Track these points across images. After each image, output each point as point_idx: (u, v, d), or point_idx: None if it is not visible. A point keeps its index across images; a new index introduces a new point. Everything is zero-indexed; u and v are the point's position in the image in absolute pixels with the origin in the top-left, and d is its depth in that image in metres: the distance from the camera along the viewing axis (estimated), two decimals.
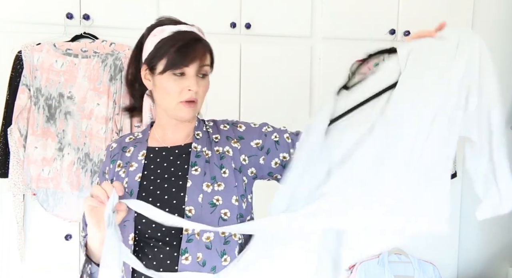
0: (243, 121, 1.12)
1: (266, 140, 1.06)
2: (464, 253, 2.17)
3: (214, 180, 0.99)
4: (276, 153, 1.06)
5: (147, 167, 1.03)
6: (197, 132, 1.08)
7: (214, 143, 1.06)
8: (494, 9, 2.11)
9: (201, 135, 1.07)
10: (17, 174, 1.80)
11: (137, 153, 1.05)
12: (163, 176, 1.01)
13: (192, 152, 1.03)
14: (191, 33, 1.04)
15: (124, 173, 1.02)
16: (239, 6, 1.95)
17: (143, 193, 0.99)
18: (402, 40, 2.02)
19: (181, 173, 1.01)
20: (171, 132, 1.08)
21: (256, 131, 1.08)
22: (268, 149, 1.06)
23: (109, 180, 1.04)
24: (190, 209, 0.95)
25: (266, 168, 1.07)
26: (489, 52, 0.86)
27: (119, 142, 1.11)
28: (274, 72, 1.99)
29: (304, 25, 2.00)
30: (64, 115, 1.79)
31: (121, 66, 1.83)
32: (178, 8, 1.93)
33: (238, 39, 1.97)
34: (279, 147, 1.06)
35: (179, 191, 0.98)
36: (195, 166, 1.01)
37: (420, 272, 2.02)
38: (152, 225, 0.95)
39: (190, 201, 0.96)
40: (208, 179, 0.99)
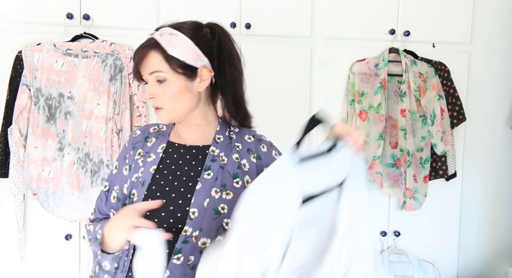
0: (270, 145, 1.13)
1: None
2: (464, 253, 2.17)
3: (224, 187, 0.99)
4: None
5: (164, 160, 1.03)
6: (218, 136, 1.06)
7: (235, 150, 1.05)
8: (494, 9, 2.11)
9: (222, 139, 1.06)
10: (17, 174, 1.80)
11: (158, 145, 1.06)
12: (176, 173, 1.01)
13: (208, 154, 1.03)
14: (146, 41, 0.99)
15: (142, 162, 1.04)
16: (239, 6, 1.95)
17: (153, 186, 1.00)
18: (402, 40, 2.02)
19: (193, 173, 1.01)
20: (186, 133, 1.08)
21: (272, 159, 1.06)
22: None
23: (128, 165, 1.05)
24: (193, 211, 0.95)
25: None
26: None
27: (143, 130, 1.11)
28: (274, 72, 1.99)
29: (304, 25, 2.00)
30: (64, 116, 1.80)
31: (121, 66, 1.83)
32: (178, 8, 1.93)
33: (238, 39, 1.95)
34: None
35: (187, 192, 0.98)
36: (209, 170, 1.00)
37: (420, 272, 2.02)
38: (154, 219, 0.95)
39: (196, 203, 0.96)
40: (219, 185, 0.99)
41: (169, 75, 0.97)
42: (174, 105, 0.99)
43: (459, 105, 2.04)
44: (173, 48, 0.96)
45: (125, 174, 1.05)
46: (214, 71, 1.02)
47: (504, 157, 2.17)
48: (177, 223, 0.96)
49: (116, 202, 1.04)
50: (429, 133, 2.00)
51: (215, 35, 1.03)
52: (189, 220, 0.95)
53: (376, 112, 1.96)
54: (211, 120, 1.08)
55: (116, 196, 1.05)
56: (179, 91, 0.98)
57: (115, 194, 1.05)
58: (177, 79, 0.97)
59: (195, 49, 0.98)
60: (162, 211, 0.97)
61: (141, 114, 1.87)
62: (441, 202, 2.11)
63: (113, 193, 1.05)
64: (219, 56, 1.03)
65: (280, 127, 2.01)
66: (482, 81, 2.12)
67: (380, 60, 1.99)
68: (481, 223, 2.18)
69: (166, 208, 0.97)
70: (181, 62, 0.96)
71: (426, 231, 2.11)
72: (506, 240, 2.20)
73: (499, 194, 2.18)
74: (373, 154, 1.96)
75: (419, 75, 1.98)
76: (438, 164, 2.05)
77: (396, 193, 2.03)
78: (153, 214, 0.96)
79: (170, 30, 0.98)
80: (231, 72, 1.04)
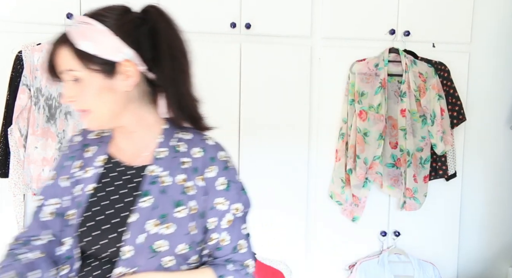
0: (223, 167, 0.88)
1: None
2: (464, 252, 2.17)
3: (164, 219, 0.80)
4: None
5: (103, 177, 0.86)
6: (160, 149, 0.86)
7: (180, 169, 0.85)
8: (494, 9, 2.10)
9: (167, 154, 0.86)
10: (18, 174, 1.80)
11: (97, 156, 0.89)
12: (110, 198, 0.84)
13: (146, 177, 0.84)
14: (58, 35, 0.82)
15: (79, 177, 0.87)
16: (239, 6, 1.95)
17: (88, 212, 0.83)
18: (402, 40, 2.02)
19: (129, 199, 0.83)
20: (122, 143, 0.89)
21: (214, 193, 0.86)
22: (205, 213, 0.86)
23: (67, 177, 0.89)
24: (127, 250, 0.79)
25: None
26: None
27: (83, 136, 0.93)
28: (274, 72, 1.99)
29: (304, 25, 2.00)
30: (65, 115, 1.80)
31: None
32: (178, 8, 1.93)
33: (238, 39, 1.97)
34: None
35: (120, 224, 0.81)
36: (146, 196, 0.81)
37: (420, 272, 2.02)
38: (86, 253, 0.84)
39: (129, 240, 0.79)
40: (157, 215, 0.80)
41: (83, 74, 0.79)
42: (98, 107, 0.81)
43: (459, 105, 2.04)
44: (84, 40, 0.78)
45: (62, 185, 0.88)
46: (148, 64, 0.83)
47: (504, 157, 2.17)
48: (108, 263, 0.82)
49: (53, 218, 0.88)
50: (429, 133, 2.00)
51: (147, 20, 0.83)
52: (120, 260, 0.79)
53: (376, 112, 1.96)
54: (150, 125, 0.88)
55: (55, 211, 0.88)
56: (97, 92, 0.80)
57: (53, 209, 0.88)
58: (92, 78, 0.79)
59: (113, 39, 0.79)
60: (93, 245, 0.82)
61: None
62: (441, 202, 2.11)
63: (49, 208, 0.88)
64: (154, 46, 0.83)
65: (279, 127, 2.01)
66: (482, 81, 2.11)
67: (380, 60, 1.99)
68: (481, 223, 2.18)
69: (95, 243, 0.81)
70: (94, 57, 0.78)
71: (426, 231, 2.11)
72: (506, 240, 2.20)
73: (499, 193, 2.18)
74: (373, 154, 1.96)
75: (419, 75, 1.98)
76: (438, 164, 2.05)
77: (396, 193, 2.03)
78: (85, 247, 0.83)
79: (84, 19, 0.82)
80: (171, 65, 0.83)
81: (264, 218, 2.02)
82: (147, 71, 0.83)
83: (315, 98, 2.03)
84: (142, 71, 0.83)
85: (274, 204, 2.02)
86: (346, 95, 2.01)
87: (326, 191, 2.06)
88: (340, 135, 2.02)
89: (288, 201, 2.02)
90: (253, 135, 1.99)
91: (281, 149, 2.01)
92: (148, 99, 0.87)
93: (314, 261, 2.08)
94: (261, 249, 2.03)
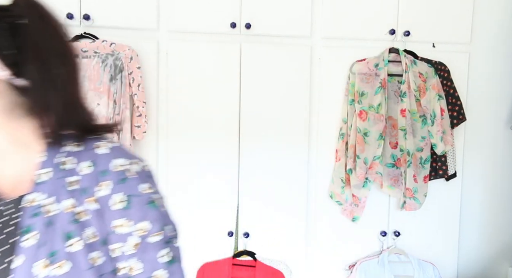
0: (120, 179, 0.69)
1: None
2: (464, 252, 2.17)
3: (54, 257, 0.64)
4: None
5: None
6: (42, 171, 0.68)
7: (66, 191, 0.67)
8: (494, 9, 2.10)
9: (51, 175, 0.68)
10: None
11: None
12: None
13: (25, 209, 0.66)
14: None
15: None
16: (239, 6, 1.95)
17: None
18: (402, 40, 2.02)
19: (11, 240, 0.67)
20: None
21: (110, 215, 0.68)
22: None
23: None
24: None
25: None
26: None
27: None
28: (274, 72, 1.99)
29: (304, 25, 2.00)
30: None
31: (121, 66, 1.83)
32: (178, 8, 1.93)
33: (238, 39, 1.97)
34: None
35: (4, 272, 0.66)
36: (29, 233, 0.65)
37: (420, 272, 2.02)
38: None
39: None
40: (45, 254, 0.64)
41: None
42: None
43: (459, 105, 2.04)
44: None
45: None
46: (13, 69, 0.66)
47: (504, 157, 2.17)
48: None
49: None
50: (429, 133, 2.00)
51: (10, 15, 0.67)
52: None
53: (376, 112, 1.96)
54: (28, 143, 0.70)
55: None
56: None
57: None
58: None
59: None
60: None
61: (141, 115, 1.87)
62: (441, 202, 2.11)
63: None
64: (21, 47, 0.67)
65: (279, 127, 2.01)
66: (482, 81, 2.11)
67: (380, 60, 1.99)
68: (481, 223, 2.18)
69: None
70: None
71: (426, 231, 2.11)
72: (506, 240, 2.20)
73: (499, 194, 2.18)
74: (373, 154, 1.96)
75: (419, 75, 1.98)
76: (438, 164, 2.05)
77: (396, 193, 2.03)
78: None
79: None
80: (41, 69, 0.67)
81: (264, 218, 2.02)
82: (12, 77, 0.66)
83: (315, 98, 2.03)
84: (3, 78, 0.66)
85: (274, 204, 2.02)
86: (346, 95, 2.01)
87: (326, 191, 2.06)
88: (340, 136, 2.02)
89: (288, 201, 2.02)
90: (253, 136, 1.99)
91: (281, 149, 2.01)
92: (21, 112, 0.69)
93: (314, 261, 2.08)
94: (261, 249, 2.03)
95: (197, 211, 1.99)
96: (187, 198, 1.98)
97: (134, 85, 1.86)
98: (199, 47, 1.95)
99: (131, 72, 1.85)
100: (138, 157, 0.73)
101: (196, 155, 1.98)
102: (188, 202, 1.98)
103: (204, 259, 2.00)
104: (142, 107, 1.87)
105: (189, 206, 1.99)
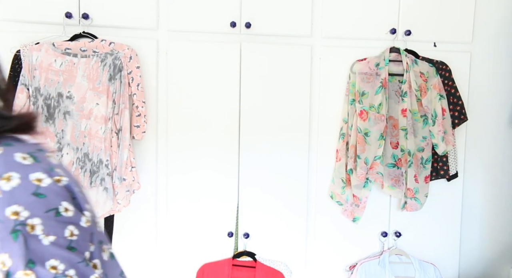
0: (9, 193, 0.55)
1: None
2: (465, 253, 2.16)
3: None
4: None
5: None
6: None
7: None
8: (495, 8, 2.09)
9: None
10: None
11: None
12: None
13: None
14: None
15: None
16: (239, 5, 1.94)
17: None
18: (403, 39, 2.01)
19: None
20: None
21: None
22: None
23: None
24: None
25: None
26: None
27: None
28: (274, 72, 1.98)
29: (304, 24, 1.99)
30: (63, 115, 1.79)
31: (120, 65, 1.82)
32: (177, 8, 1.93)
33: (238, 39, 1.96)
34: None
35: None
36: None
37: (421, 272, 2.01)
38: None
39: None
40: None
41: None
42: None
43: (461, 105, 2.03)
44: None
45: None
46: None
47: (506, 157, 2.15)
48: None
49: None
50: (430, 133, 1.99)
51: None
52: None
53: (377, 112, 1.95)
54: None
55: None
56: None
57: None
58: None
59: None
60: None
61: (141, 114, 1.87)
62: (442, 203, 2.10)
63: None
64: None
65: (279, 127, 2.00)
66: (484, 81, 2.10)
67: (381, 60, 1.98)
68: (482, 224, 2.17)
69: None
70: None
71: (427, 232, 2.10)
72: (508, 240, 2.19)
73: (501, 194, 2.17)
74: (374, 154, 1.95)
75: (420, 75, 1.97)
76: (439, 164, 2.04)
77: (397, 193, 2.02)
78: None
79: None
80: None
81: (264, 218, 2.01)
82: None
83: (315, 98, 2.02)
84: None
85: (274, 205, 2.01)
86: (347, 95, 2.00)
87: (327, 191, 2.05)
88: (341, 136, 2.01)
89: (289, 202, 2.02)
90: (253, 135, 1.98)
91: (281, 149, 2.00)
92: None
93: (315, 261, 2.07)
94: (261, 250, 2.02)
95: (197, 211, 1.98)
96: (187, 198, 1.98)
97: (134, 85, 1.85)
98: (198, 46, 1.94)
99: (130, 71, 1.84)
100: (21, 169, 0.57)
101: (195, 155, 1.97)
102: (188, 202, 1.98)
103: (204, 260, 1.99)
104: (141, 107, 1.86)
105: (189, 206, 1.98)
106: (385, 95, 1.95)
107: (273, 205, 2.01)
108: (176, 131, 1.96)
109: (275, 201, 2.01)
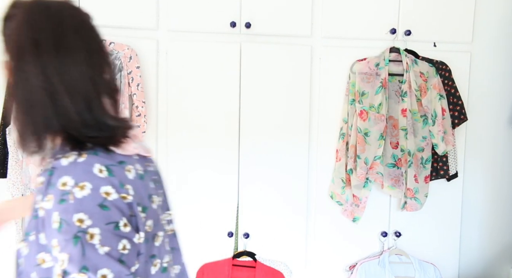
0: (59, 200, 0.64)
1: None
2: (465, 253, 2.16)
3: (26, 237, 0.71)
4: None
5: None
6: (39, 179, 0.71)
7: (37, 189, 0.70)
8: (495, 8, 2.09)
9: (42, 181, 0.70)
10: (16, 174, 1.79)
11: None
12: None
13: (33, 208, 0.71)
14: None
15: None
16: (239, 5, 1.94)
17: None
18: (403, 39, 2.01)
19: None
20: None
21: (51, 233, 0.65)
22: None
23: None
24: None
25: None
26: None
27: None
28: (274, 72, 1.98)
29: (304, 24, 1.99)
30: None
31: (120, 66, 1.82)
32: (177, 8, 1.92)
33: (238, 39, 1.96)
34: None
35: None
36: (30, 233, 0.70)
37: (421, 272, 2.01)
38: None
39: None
40: (23, 232, 0.73)
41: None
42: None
43: (461, 105, 2.03)
44: None
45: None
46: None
47: (506, 157, 2.15)
48: None
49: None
50: (430, 133, 1.99)
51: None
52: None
53: (376, 112, 1.95)
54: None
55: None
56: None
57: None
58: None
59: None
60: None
61: (141, 114, 1.87)
62: (442, 203, 2.10)
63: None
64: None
65: (279, 127, 2.00)
66: (484, 80, 2.10)
67: (381, 60, 1.98)
68: (482, 224, 2.17)
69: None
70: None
71: (427, 232, 2.10)
72: (508, 240, 2.19)
73: (500, 194, 2.17)
74: (374, 154, 1.95)
75: (420, 75, 1.97)
76: (439, 164, 2.04)
77: (397, 193, 2.02)
78: None
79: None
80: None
81: (264, 218, 2.01)
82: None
83: (315, 98, 2.02)
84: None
85: (274, 204, 2.01)
86: (347, 95, 2.00)
87: (327, 191, 2.05)
88: (341, 135, 2.01)
89: (288, 201, 2.02)
90: (253, 135, 1.98)
91: (281, 149, 2.00)
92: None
93: (314, 261, 2.07)
94: (261, 250, 2.02)
95: (197, 211, 1.98)
96: (186, 198, 1.98)
97: (133, 85, 1.85)
98: (198, 46, 1.94)
99: (130, 71, 1.84)
100: (94, 181, 0.64)
101: (195, 155, 1.97)
102: (188, 202, 1.98)
103: (204, 260, 1.99)
104: (141, 107, 1.86)
105: (189, 207, 1.98)
106: (385, 95, 1.95)
107: (273, 205, 2.01)
108: (176, 131, 1.96)
109: (275, 201, 2.01)
